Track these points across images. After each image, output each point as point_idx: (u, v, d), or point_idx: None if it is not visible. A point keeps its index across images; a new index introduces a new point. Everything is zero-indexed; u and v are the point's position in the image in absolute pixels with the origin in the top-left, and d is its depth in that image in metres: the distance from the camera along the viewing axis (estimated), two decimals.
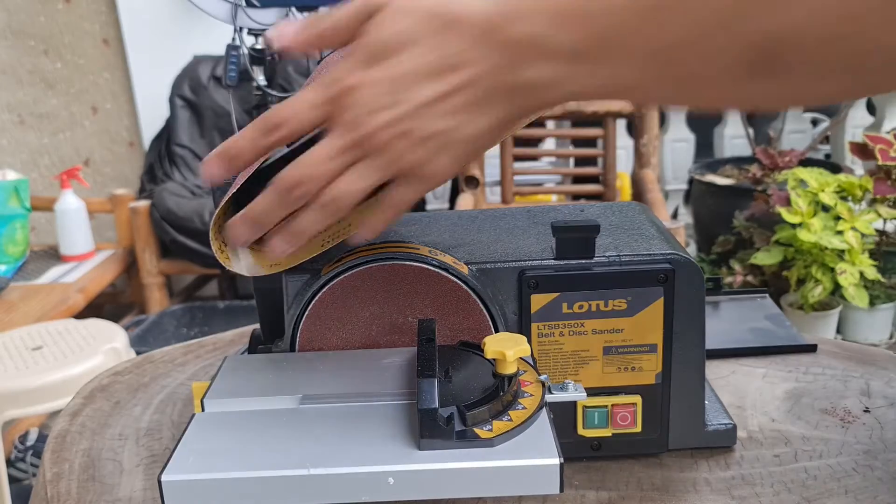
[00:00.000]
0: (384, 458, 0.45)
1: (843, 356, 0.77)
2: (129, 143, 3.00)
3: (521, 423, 0.47)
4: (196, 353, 0.85)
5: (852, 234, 2.20)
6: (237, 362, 0.58)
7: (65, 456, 0.66)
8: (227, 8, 1.49)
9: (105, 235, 2.83)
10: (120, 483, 0.62)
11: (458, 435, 0.46)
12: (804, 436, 0.64)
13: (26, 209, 2.31)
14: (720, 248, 2.61)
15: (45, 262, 2.45)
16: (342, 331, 0.59)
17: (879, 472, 0.59)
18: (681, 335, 0.58)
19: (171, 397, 0.75)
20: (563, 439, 0.47)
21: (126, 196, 2.63)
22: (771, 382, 0.73)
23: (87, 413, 0.73)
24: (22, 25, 2.81)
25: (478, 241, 0.62)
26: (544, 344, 0.58)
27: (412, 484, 0.45)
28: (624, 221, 0.65)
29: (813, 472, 0.59)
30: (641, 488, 0.58)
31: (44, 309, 2.09)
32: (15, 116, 2.88)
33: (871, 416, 0.66)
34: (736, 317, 0.85)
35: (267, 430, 0.49)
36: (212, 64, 2.75)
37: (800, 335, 0.80)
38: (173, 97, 2.75)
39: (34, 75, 2.86)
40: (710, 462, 0.61)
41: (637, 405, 0.59)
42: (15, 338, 1.70)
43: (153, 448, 0.66)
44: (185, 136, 2.76)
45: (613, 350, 0.58)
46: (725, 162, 3.03)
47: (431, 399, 0.45)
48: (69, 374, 1.55)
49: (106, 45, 2.88)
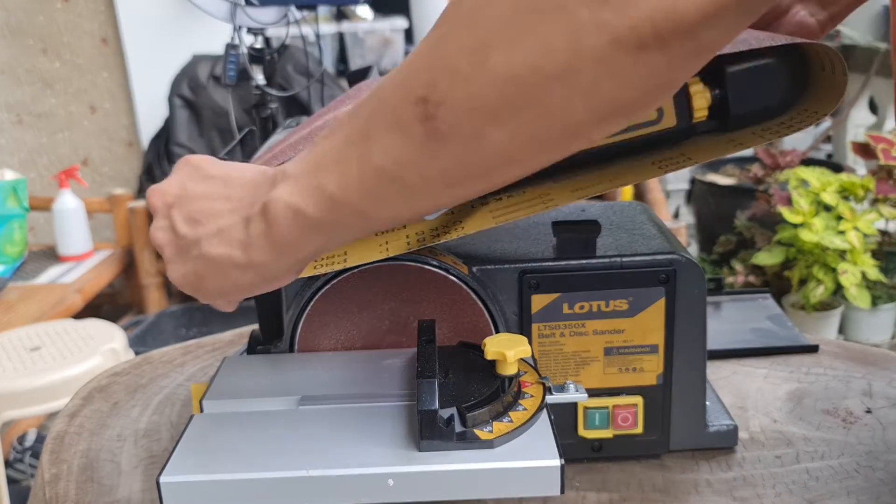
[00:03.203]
0: (384, 459, 0.45)
1: (845, 357, 0.77)
2: (127, 143, 2.99)
3: (521, 424, 0.47)
4: (195, 353, 0.84)
5: (854, 234, 2.19)
6: (236, 363, 0.58)
7: (63, 457, 0.66)
8: (226, 7, 1.49)
9: (103, 235, 2.83)
10: (118, 484, 0.61)
11: (458, 436, 0.45)
12: (806, 437, 0.64)
13: (24, 209, 2.31)
14: (722, 249, 2.61)
15: (44, 263, 2.44)
16: (341, 331, 0.58)
17: (881, 473, 0.59)
18: (682, 336, 0.58)
19: (169, 398, 0.74)
20: (563, 440, 0.47)
21: (125, 196, 2.63)
22: (772, 383, 0.72)
23: (86, 414, 0.72)
24: (20, 24, 2.81)
25: (478, 242, 0.62)
26: (545, 344, 0.58)
27: (412, 485, 0.44)
28: (625, 221, 0.65)
29: (815, 473, 0.59)
30: (643, 489, 0.58)
31: (42, 309, 2.08)
32: (13, 116, 2.87)
33: (873, 417, 0.66)
34: (737, 317, 0.85)
35: (266, 431, 0.48)
36: (211, 63, 2.74)
37: (801, 335, 0.80)
38: (172, 96, 2.74)
39: (32, 74, 2.86)
40: (712, 463, 0.61)
41: (638, 406, 0.59)
42: (13, 338, 1.70)
43: (152, 449, 0.66)
44: (184, 135, 2.75)
45: (614, 351, 0.58)
46: (727, 162, 3.03)
47: (431, 400, 0.45)
48: (67, 374, 1.55)
49: (104, 45, 2.88)
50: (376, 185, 0.42)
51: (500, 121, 0.38)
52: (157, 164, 2.77)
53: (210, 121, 2.76)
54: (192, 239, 0.47)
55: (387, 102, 0.40)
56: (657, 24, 0.33)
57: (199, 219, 0.47)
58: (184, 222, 0.47)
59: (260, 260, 0.46)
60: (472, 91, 0.37)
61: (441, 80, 0.38)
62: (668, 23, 0.33)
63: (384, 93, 0.41)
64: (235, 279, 0.47)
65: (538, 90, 0.36)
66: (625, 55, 0.34)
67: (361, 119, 0.42)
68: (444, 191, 0.42)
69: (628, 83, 0.36)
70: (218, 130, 2.76)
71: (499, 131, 0.38)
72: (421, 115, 0.39)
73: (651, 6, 0.33)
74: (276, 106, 1.66)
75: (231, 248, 0.46)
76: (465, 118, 0.38)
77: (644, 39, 0.34)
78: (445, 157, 0.40)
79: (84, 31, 2.86)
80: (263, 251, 0.45)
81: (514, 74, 0.36)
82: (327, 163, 0.43)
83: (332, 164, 0.43)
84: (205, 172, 0.49)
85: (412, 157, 0.40)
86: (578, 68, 0.35)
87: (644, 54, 0.34)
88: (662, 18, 0.33)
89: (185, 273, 0.48)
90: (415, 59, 0.40)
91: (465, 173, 0.41)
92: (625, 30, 0.34)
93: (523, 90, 0.37)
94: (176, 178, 0.50)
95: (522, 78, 0.36)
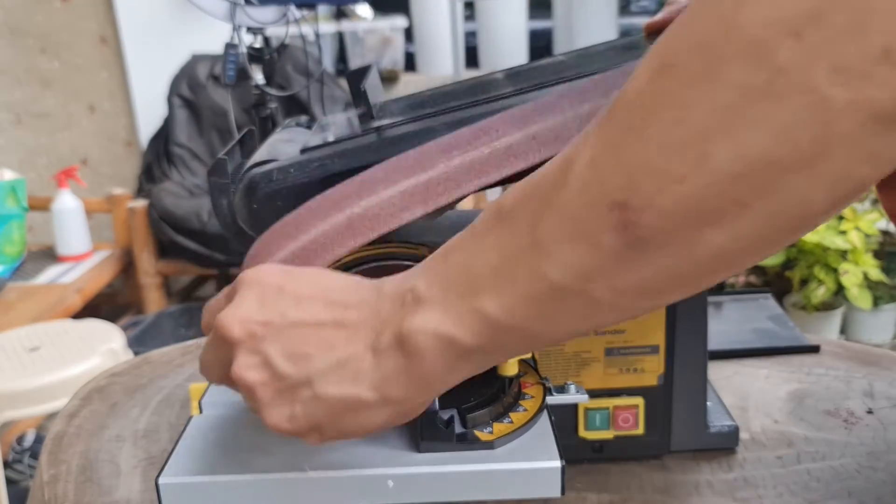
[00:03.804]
0: (383, 460, 0.45)
1: (847, 357, 0.77)
2: (126, 143, 2.99)
3: (522, 425, 0.47)
4: (194, 354, 0.84)
5: (856, 235, 2.20)
6: None
7: (62, 458, 0.65)
8: (225, 6, 1.49)
9: (102, 235, 2.82)
10: (117, 485, 0.61)
11: (458, 437, 0.45)
12: (807, 437, 0.63)
13: (23, 209, 2.31)
14: None
15: (43, 263, 2.44)
16: None
17: (883, 473, 0.58)
18: (683, 336, 0.58)
19: (168, 399, 0.74)
20: (564, 441, 0.46)
21: (124, 196, 2.63)
22: (773, 383, 0.72)
23: (85, 414, 0.72)
24: (19, 24, 2.81)
25: None
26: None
27: (412, 487, 0.44)
28: None
29: (816, 473, 0.59)
30: (643, 491, 0.58)
31: (41, 309, 2.08)
32: (12, 116, 2.87)
33: (875, 418, 0.66)
34: (738, 317, 0.84)
35: (265, 432, 0.48)
36: (210, 63, 2.74)
37: (803, 336, 0.80)
38: (171, 96, 2.74)
39: (31, 74, 2.86)
40: (713, 464, 0.60)
41: (639, 407, 0.59)
42: (12, 339, 1.70)
43: (150, 450, 0.66)
44: (184, 135, 2.75)
45: (615, 351, 0.58)
46: None
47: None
48: (66, 375, 1.55)
49: (103, 44, 2.87)
50: (552, 304, 0.36)
51: (722, 223, 0.32)
52: (156, 163, 2.77)
53: (209, 120, 2.76)
54: (299, 379, 0.39)
55: (566, 208, 0.34)
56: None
57: (305, 353, 0.39)
58: (285, 359, 0.39)
59: (398, 397, 0.39)
60: (688, 193, 0.32)
61: (645, 181, 0.32)
62: None
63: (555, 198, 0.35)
64: (364, 420, 0.40)
65: (774, 185, 0.31)
66: (884, 133, 0.29)
67: (524, 230, 0.36)
68: (636, 303, 0.36)
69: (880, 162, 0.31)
70: (217, 130, 2.76)
71: (718, 234, 0.32)
72: (618, 223, 0.33)
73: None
74: (275, 105, 1.66)
75: (358, 388, 0.39)
76: (677, 223, 0.32)
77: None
78: (647, 268, 0.34)
79: (83, 31, 2.85)
80: (402, 387, 0.39)
81: (743, 171, 0.31)
82: (483, 282, 0.37)
83: (491, 283, 0.36)
84: (294, 292, 0.41)
85: (603, 271, 0.34)
86: (827, 155, 0.30)
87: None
88: None
89: (292, 417, 0.40)
90: (601, 155, 0.34)
91: (668, 283, 0.35)
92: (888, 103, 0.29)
93: (754, 186, 0.31)
94: (254, 301, 0.41)
95: (755, 174, 0.31)
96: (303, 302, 0.40)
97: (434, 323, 0.37)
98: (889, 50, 0.28)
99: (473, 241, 0.38)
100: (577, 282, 0.35)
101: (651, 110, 0.32)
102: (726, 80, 0.30)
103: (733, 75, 0.30)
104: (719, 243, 0.33)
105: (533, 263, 0.35)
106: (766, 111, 0.30)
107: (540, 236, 0.35)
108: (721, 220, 0.32)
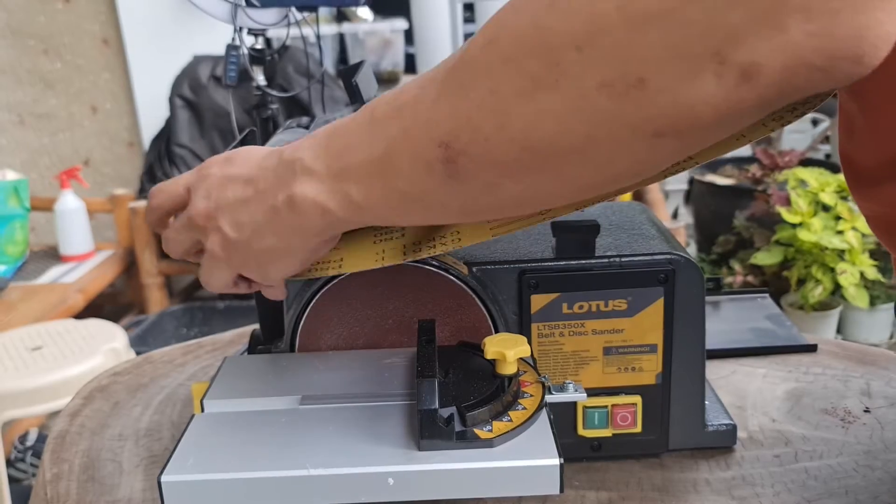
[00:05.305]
0: (384, 458, 0.45)
1: (844, 356, 0.77)
2: (128, 143, 2.99)
3: (521, 423, 0.47)
4: (195, 353, 0.85)
5: (853, 234, 2.20)
6: (237, 363, 0.58)
7: (64, 456, 0.66)
8: (226, 8, 1.49)
9: (105, 235, 2.83)
10: (119, 483, 0.62)
11: (458, 435, 0.46)
12: (804, 436, 0.64)
13: (26, 209, 2.31)
14: (720, 248, 2.61)
15: (45, 263, 2.44)
16: (342, 331, 0.59)
17: (880, 472, 0.59)
18: (681, 335, 0.58)
19: (170, 398, 0.75)
20: (563, 440, 0.47)
21: (126, 196, 2.63)
22: (771, 382, 0.73)
23: (87, 413, 0.72)
24: (21, 25, 2.81)
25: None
26: (544, 344, 0.58)
27: (412, 484, 0.45)
28: (624, 221, 0.65)
29: (813, 472, 0.59)
30: (642, 489, 0.58)
31: (43, 309, 2.09)
32: (14, 116, 2.88)
33: (872, 417, 0.66)
34: (736, 317, 0.85)
35: (266, 430, 0.49)
36: (211, 64, 2.74)
37: (800, 335, 0.80)
38: (173, 97, 2.74)
39: (33, 75, 2.86)
40: (711, 462, 0.61)
41: (637, 405, 0.59)
42: (14, 338, 1.70)
43: (153, 448, 0.66)
44: (185, 136, 2.75)
45: (613, 350, 0.58)
46: (725, 162, 3.03)
47: (431, 400, 0.45)
48: (69, 374, 1.55)
49: (105, 45, 2.88)
50: (400, 203, 0.45)
51: (516, 177, 0.41)
52: (157, 164, 2.77)
53: (211, 121, 2.76)
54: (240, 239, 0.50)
55: (410, 136, 0.43)
56: (675, 121, 0.35)
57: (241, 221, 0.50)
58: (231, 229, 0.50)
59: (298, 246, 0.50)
60: (491, 149, 0.40)
61: (463, 133, 0.40)
62: (685, 121, 0.35)
63: (407, 123, 0.43)
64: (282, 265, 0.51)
65: (554, 160, 0.39)
66: (642, 141, 0.37)
67: (383, 141, 0.44)
68: (461, 217, 0.47)
69: (643, 161, 0.38)
70: (218, 131, 2.76)
71: (514, 184, 0.41)
72: (443, 157, 0.41)
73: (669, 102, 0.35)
74: (276, 107, 1.66)
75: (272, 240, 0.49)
76: (482, 170, 0.41)
77: (661, 131, 0.36)
78: (463, 196, 0.43)
79: (85, 32, 2.86)
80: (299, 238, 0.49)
81: (531, 143, 0.38)
82: (351, 174, 0.45)
83: (356, 178, 0.45)
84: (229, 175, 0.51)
85: (434, 189, 0.43)
86: (595, 146, 0.38)
87: (660, 140, 0.36)
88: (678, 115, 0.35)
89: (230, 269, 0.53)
90: (440, 98, 0.41)
91: (481, 209, 0.44)
92: (642, 121, 0.36)
93: (539, 158, 0.39)
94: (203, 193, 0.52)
95: (540, 149, 0.39)
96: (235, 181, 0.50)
97: (313, 192, 0.46)
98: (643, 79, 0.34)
99: (350, 132, 0.46)
100: (418, 193, 0.44)
101: (476, 74, 0.39)
102: (526, 68, 0.37)
103: (531, 66, 0.37)
104: (516, 190, 0.41)
105: (388, 173, 0.44)
106: (552, 101, 0.37)
107: (392, 154, 0.43)
108: (515, 175, 0.40)
